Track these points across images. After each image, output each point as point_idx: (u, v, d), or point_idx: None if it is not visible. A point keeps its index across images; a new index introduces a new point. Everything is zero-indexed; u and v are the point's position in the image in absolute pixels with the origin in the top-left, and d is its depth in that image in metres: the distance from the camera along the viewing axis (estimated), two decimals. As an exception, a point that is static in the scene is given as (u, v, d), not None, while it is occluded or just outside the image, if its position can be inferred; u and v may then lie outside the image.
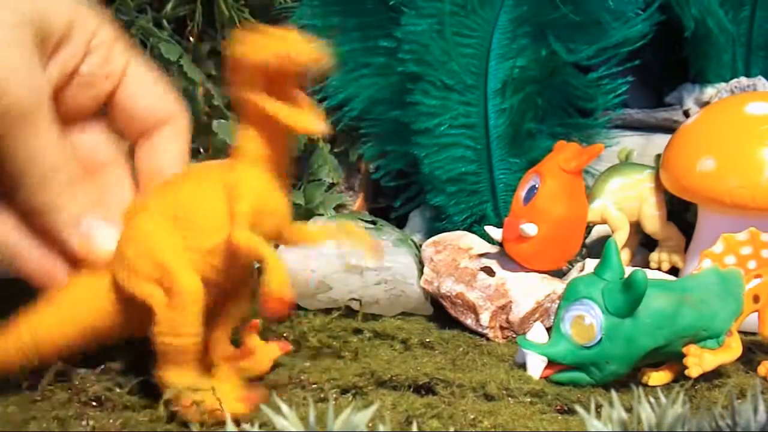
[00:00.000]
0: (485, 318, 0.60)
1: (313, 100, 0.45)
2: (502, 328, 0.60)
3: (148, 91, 0.49)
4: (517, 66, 0.68)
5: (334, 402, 0.42)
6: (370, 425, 0.38)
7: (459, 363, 0.54)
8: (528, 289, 0.61)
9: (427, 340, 0.57)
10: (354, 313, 0.60)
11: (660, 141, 0.71)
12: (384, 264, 0.62)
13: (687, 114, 0.76)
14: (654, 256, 0.68)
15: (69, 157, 0.45)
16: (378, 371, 0.49)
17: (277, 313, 0.43)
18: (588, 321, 0.50)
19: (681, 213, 0.70)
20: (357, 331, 0.58)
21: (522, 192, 0.62)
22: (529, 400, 0.48)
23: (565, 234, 0.62)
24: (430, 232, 0.70)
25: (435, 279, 0.62)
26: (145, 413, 0.43)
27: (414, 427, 0.41)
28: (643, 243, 0.70)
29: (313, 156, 0.76)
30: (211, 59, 0.72)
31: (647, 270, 0.62)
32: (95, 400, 0.45)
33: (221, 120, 0.69)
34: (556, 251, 0.62)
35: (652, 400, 0.38)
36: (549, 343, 0.51)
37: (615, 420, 0.38)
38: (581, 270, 0.63)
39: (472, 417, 0.45)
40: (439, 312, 0.63)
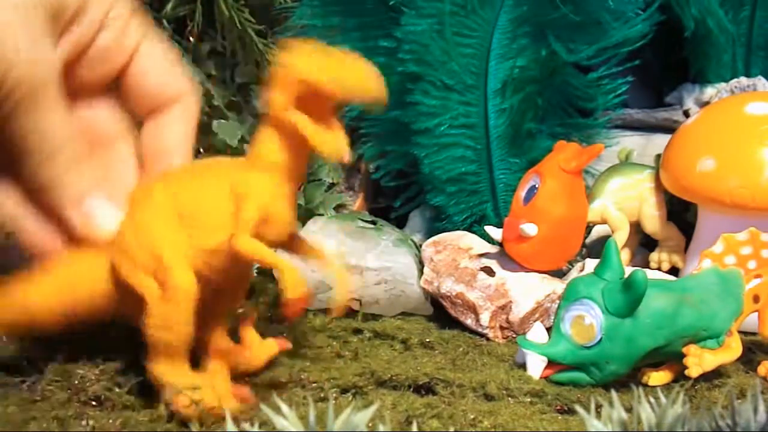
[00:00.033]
0: (485, 318, 0.60)
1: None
2: (502, 328, 0.60)
3: (160, 69, 0.49)
4: (517, 66, 0.68)
5: (334, 402, 0.43)
6: (370, 425, 0.38)
7: (459, 363, 0.54)
8: (528, 289, 0.61)
9: (427, 340, 0.57)
10: (354, 313, 0.60)
11: (660, 141, 0.71)
12: (384, 264, 0.62)
13: (687, 114, 0.76)
14: (654, 256, 0.68)
15: (76, 135, 0.45)
16: (378, 371, 0.49)
17: (299, 314, 0.43)
18: (588, 321, 0.50)
19: (681, 213, 0.70)
20: (357, 331, 0.58)
21: (522, 192, 0.62)
22: (529, 400, 0.48)
23: (565, 234, 0.62)
24: (430, 232, 0.70)
25: (435, 279, 0.62)
26: (145, 413, 0.43)
27: (414, 427, 0.41)
28: (643, 243, 0.70)
29: (312, 156, 0.76)
30: (211, 59, 0.72)
31: (647, 270, 0.62)
32: (95, 399, 0.45)
33: (221, 120, 0.69)
34: (556, 251, 0.62)
35: (652, 400, 0.38)
36: (549, 343, 0.51)
37: (615, 420, 0.38)
38: (581, 270, 0.63)
39: (472, 417, 0.45)
40: (439, 312, 0.63)
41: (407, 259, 0.64)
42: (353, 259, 0.62)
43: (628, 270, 0.51)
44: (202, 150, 0.67)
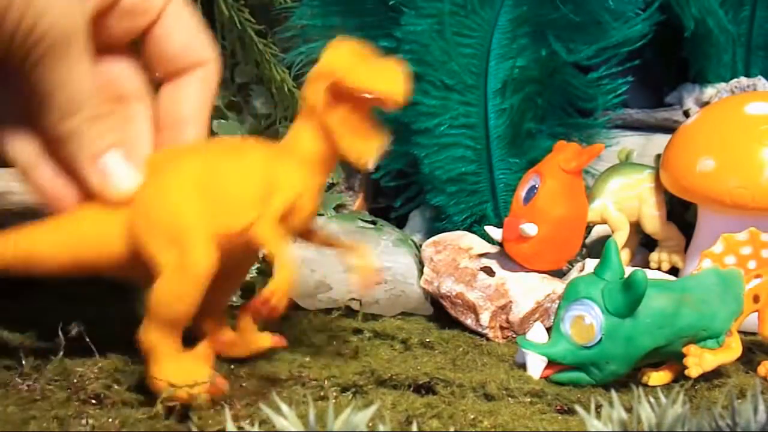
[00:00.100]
0: (485, 318, 0.60)
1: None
2: (502, 328, 0.60)
3: (184, 32, 0.48)
4: (517, 66, 0.68)
5: (333, 401, 0.43)
6: (370, 425, 0.38)
7: (459, 363, 0.54)
8: (528, 289, 0.61)
9: (427, 340, 0.57)
10: (354, 313, 0.60)
11: (660, 141, 0.71)
12: (384, 264, 0.62)
13: (687, 114, 0.76)
14: (654, 256, 0.68)
15: (98, 90, 0.44)
16: (378, 370, 0.49)
17: (262, 317, 0.44)
18: (588, 321, 0.50)
19: (681, 213, 0.70)
20: (357, 331, 0.58)
21: (522, 192, 0.62)
22: (529, 400, 0.48)
23: (565, 234, 0.62)
24: (430, 232, 0.70)
25: (435, 279, 0.62)
26: (144, 410, 0.43)
27: (414, 427, 0.40)
28: (643, 243, 0.70)
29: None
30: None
31: (647, 270, 0.62)
32: (94, 398, 0.45)
33: (221, 120, 0.69)
34: (556, 251, 0.62)
35: (652, 400, 0.38)
36: (549, 343, 0.51)
37: (615, 420, 0.38)
38: (581, 270, 0.63)
39: (472, 417, 0.45)
40: (439, 312, 0.63)
41: (407, 259, 0.64)
42: (353, 259, 0.62)
43: (628, 270, 0.51)
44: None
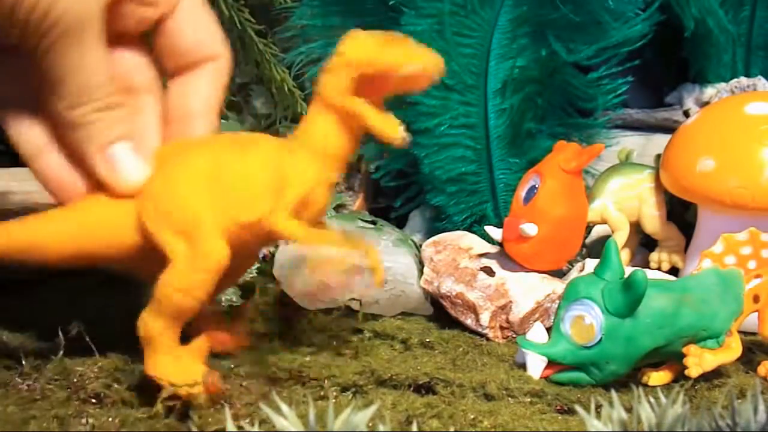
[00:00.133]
0: (485, 318, 0.60)
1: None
2: (502, 328, 0.60)
3: (197, 27, 0.48)
4: (517, 66, 0.68)
5: (333, 401, 0.43)
6: (370, 425, 0.38)
7: (459, 363, 0.54)
8: (528, 289, 0.61)
9: (427, 340, 0.57)
10: (354, 313, 0.60)
11: (660, 141, 0.71)
12: (384, 264, 0.62)
13: (687, 114, 0.76)
14: (654, 256, 0.68)
15: (111, 79, 0.44)
16: (378, 370, 0.49)
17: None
18: (588, 321, 0.50)
19: (681, 213, 0.70)
20: (357, 331, 0.58)
21: (522, 192, 0.62)
22: (529, 400, 0.48)
23: (565, 234, 0.62)
24: (430, 232, 0.70)
25: (435, 279, 0.62)
26: (144, 410, 0.43)
27: (414, 427, 0.40)
28: (643, 243, 0.70)
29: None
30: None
31: (647, 270, 0.62)
32: (94, 397, 0.45)
33: (221, 120, 0.69)
34: (556, 251, 0.62)
35: (652, 400, 0.38)
36: (549, 343, 0.51)
37: (615, 420, 0.38)
38: (581, 270, 0.63)
39: (472, 417, 0.45)
40: (439, 312, 0.63)
41: (407, 259, 0.64)
42: (353, 259, 0.62)
43: (628, 270, 0.51)
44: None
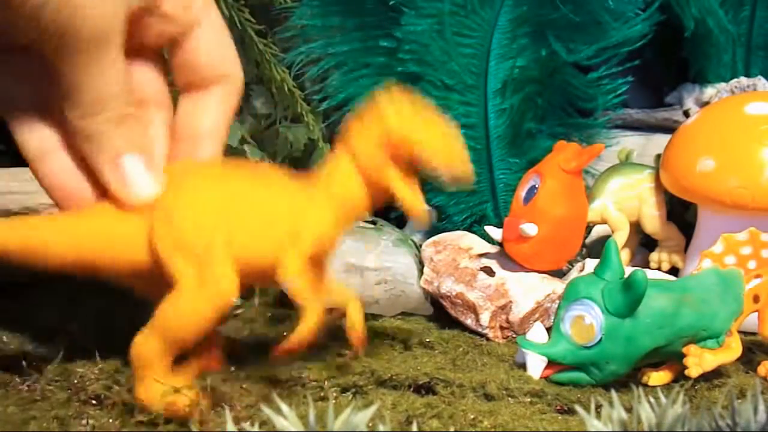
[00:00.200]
0: (485, 318, 0.60)
1: (315, 102, 0.45)
2: (502, 328, 0.60)
3: (215, 47, 0.48)
4: (517, 66, 0.68)
5: (334, 401, 0.43)
6: (370, 425, 0.38)
7: (459, 363, 0.54)
8: (528, 289, 0.61)
9: (427, 340, 0.57)
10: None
11: (660, 141, 0.71)
12: (384, 264, 0.62)
13: (687, 114, 0.76)
14: (654, 256, 0.68)
15: (126, 91, 0.44)
16: (378, 370, 0.49)
17: (280, 362, 0.45)
18: (588, 321, 0.50)
19: (681, 213, 0.70)
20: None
21: (522, 192, 0.62)
22: (529, 400, 0.48)
23: (565, 234, 0.62)
24: (430, 232, 0.70)
25: (435, 279, 0.62)
26: (145, 412, 0.43)
27: (414, 427, 0.41)
28: (643, 243, 0.70)
29: (313, 156, 0.76)
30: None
31: (647, 270, 0.62)
32: (95, 398, 0.45)
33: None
34: (556, 251, 0.62)
35: (652, 400, 0.38)
36: (549, 343, 0.51)
37: (615, 420, 0.38)
38: (581, 270, 0.63)
39: (472, 417, 0.45)
40: (439, 312, 0.63)
41: (407, 259, 0.64)
42: (353, 259, 0.62)
43: (628, 270, 0.51)
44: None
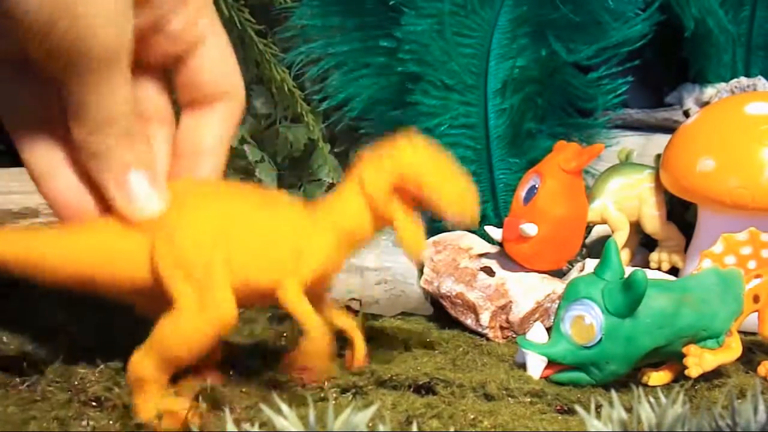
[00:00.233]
0: (485, 318, 0.60)
1: (315, 102, 0.45)
2: (502, 328, 0.60)
3: (218, 66, 0.48)
4: (517, 66, 0.68)
5: (334, 401, 0.43)
6: (370, 425, 0.38)
7: (459, 363, 0.54)
8: (528, 289, 0.61)
9: (427, 340, 0.57)
10: (354, 313, 0.60)
11: (660, 141, 0.71)
12: (384, 264, 0.62)
13: (687, 114, 0.76)
14: (654, 256, 0.68)
15: (133, 109, 0.44)
16: (378, 371, 0.49)
17: (312, 381, 0.45)
18: (588, 321, 0.50)
19: (681, 213, 0.70)
20: (357, 331, 0.58)
21: (522, 192, 0.62)
22: (529, 400, 0.48)
23: (565, 234, 0.62)
24: (430, 232, 0.70)
25: (435, 279, 0.62)
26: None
27: (414, 427, 0.41)
28: (643, 243, 0.70)
29: (313, 156, 0.76)
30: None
31: (647, 270, 0.62)
32: (95, 400, 0.45)
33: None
34: (556, 251, 0.62)
35: (652, 400, 0.38)
36: (549, 343, 0.51)
37: (615, 420, 0.38)
38: (581, 270, 0.63)
39: (472, 417, 0.45)
40: (439, 312, 0.63)
41: (407, 259, 0.64)
42: (353, 259, 0.62)
43: (628, 270, 0.51)
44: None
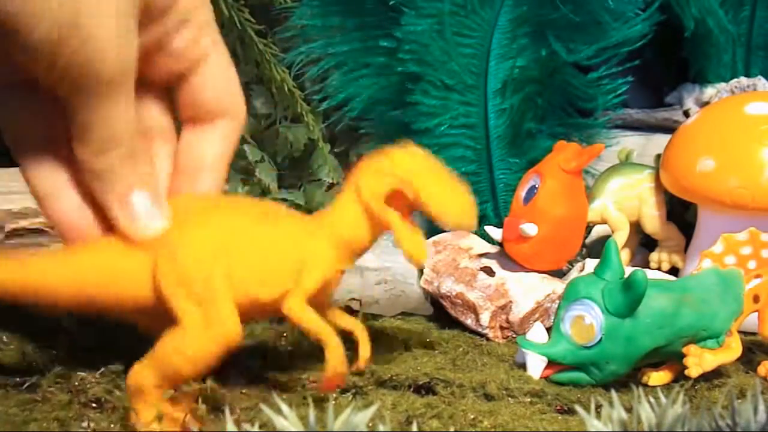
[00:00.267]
0: (485, 318, 0.60)
1: (315, 102, 0.45)
2: (502, 328, 0.60)
3: (220, 84, 0.48)
4: (517, 66, 0.68)
5: (334, 402, 0.43)
6: (370, 425, 0.38)
7: (459, 363, 0.54)
8: (528, 289, 0.61)
9: (427, 340, 0.57)
10: (354, 313, 0.60)
11: (660, 141, 0.71)
12: (384, 264, 0.62)
13: (687, 114, 0.76)
14: (654, 256, 0.68)
15: (136, 129, 0.44)
16: (378, 371, 0.49)
17: (335, 389, 0.45)
18: (588, 321, 0.50)
19: (681, 213, 0.70)
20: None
21: (522, 192, 0.62)
22: (529, 400, 0.48)
23: (565, 234, 0.62)
24: (430, 232, 0.70)
25: (435, 279, 0.62)
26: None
27: (414, 427, 0.40)
28: (643, 243, 0.70)
29: (313, 156, 0.76)
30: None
31: (647, 270, 0.62)
32: (95, 401, 0.45)
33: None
34: (556, 251, 0.62)
35: (652, 400, 0.38)
36: (549, 343, 0.51)
37: (615, 420, 0.38)
38: (581, 270, 0.63)
39: (472, 417, 0.45)
40: (439, 312, 0.63)
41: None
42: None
43: (628, 270, 0.51)
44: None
